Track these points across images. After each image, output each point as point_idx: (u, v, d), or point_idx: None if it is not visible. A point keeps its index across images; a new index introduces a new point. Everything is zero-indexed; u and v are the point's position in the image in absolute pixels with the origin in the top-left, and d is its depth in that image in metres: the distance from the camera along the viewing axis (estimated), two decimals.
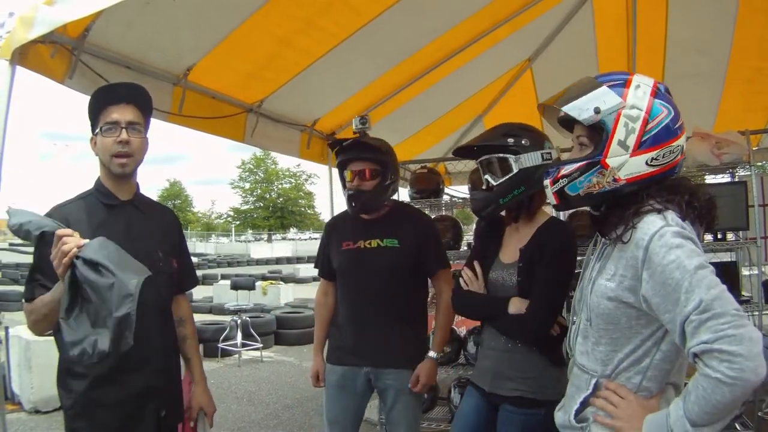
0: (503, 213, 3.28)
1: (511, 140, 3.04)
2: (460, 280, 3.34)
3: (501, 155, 3.07)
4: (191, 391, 3.16)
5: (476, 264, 3.29)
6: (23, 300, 2.64)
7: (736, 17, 5.70)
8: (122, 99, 2.80)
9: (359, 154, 3.77)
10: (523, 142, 3.04)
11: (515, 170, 3.02)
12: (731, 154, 5.16)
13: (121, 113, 2.77)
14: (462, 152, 3.38)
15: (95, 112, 2.77)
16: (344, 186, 3.85)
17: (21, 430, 6.66)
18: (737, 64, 6.36)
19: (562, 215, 5.45)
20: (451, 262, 4.04)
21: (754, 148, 5.57)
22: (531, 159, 3.02)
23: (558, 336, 3.09)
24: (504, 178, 3.05)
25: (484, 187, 3.17)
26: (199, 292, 19.55)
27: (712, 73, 6.56)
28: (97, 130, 2.75)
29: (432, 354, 3.80)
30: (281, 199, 73.23)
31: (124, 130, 2.75)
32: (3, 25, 3.10)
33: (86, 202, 2.77)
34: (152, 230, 2.96)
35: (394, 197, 4.06)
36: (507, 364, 3.11)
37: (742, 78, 6.59)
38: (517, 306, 3.05)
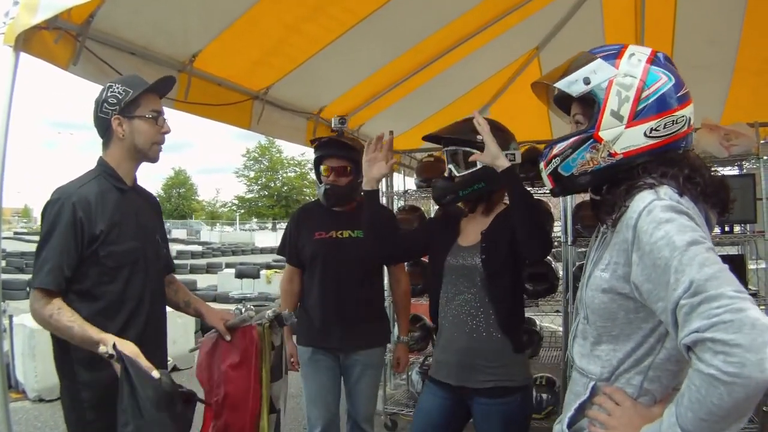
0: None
1: (479, 137, 3.02)
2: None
3: (467, 149, 3.11)
4: (207, 313, 3.19)
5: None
6: (36, 287, 2.55)
7: (745, 8, 5.65)
8: (159, 90, 2.89)
9: (337, 151, 3.97)
10: None
11: (478, 166, 3.05)
12: (740, 146, 5.13)
13: (160, 104, 2.87)
14: (430, 139, 3.39)
15: (136, 94, 2.74)
16: (319, 179, 4.05)
17: (25, 419, 6.67)
18: (746, 56, 6.30)
19: (569, 206, 5.43)
20: None
21: (762, 141, 5.52)
22: None
23: (518, 321, 3.25)
24: (466, 172, 3.10)
25: (446, 175, 3.22)
26: (203, 281, 19.64)
27: (720, 64, 6.50)
28: (136, 114, 2.76)
29: (404, 338, 4.32)
30: (286, 188, 73.30)
31: (166, 121, 2.86)
32: (7, 13, 3.09)
33: (98, 184, 2.75)
34: (151, 216, 3.03)
35: None
36: (472, 355, 3.09)
37: (752, 70, 6.53)
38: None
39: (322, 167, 3.99)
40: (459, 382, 3.12)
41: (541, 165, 2.11)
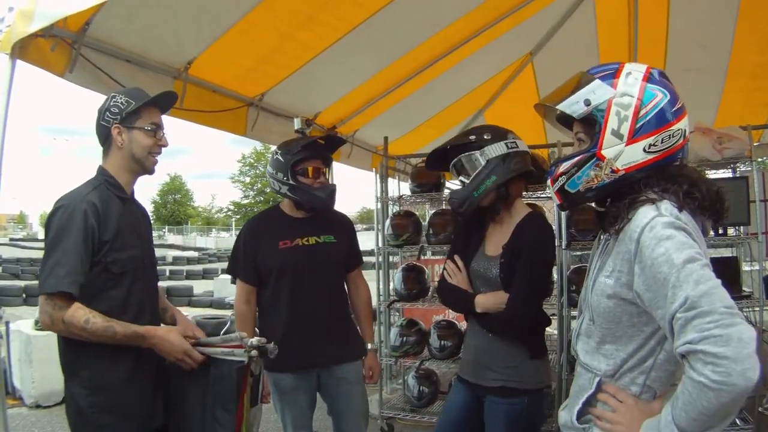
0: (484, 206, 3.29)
1: (473, 137, 3.14)
2: (444, 272, 3.39)
3: (467, 153, 3.16)
4: (182, 321, 3.18)
5: (457, 258, 3.34)
6: (53, 292, 2.50)
7: (737, 12, 5.69)
8: (160, 104, 2.94)
9: (324, 152, 3.87)
10: (485, 136, 3.13)
11: (483, 162, 3.09)
12: (733, 150, 5.13)
13: (160, 119, 2.92)
14: (433, 164, 3.46)
15: (137, 106, 2.80)
16: (294, 179, 3.71)
17: (22, 425, 6.64)
18: (739, 60, 6.35)
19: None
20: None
21: (755, 144, 5.55)
22: (495, 149, 3.10)
23: (538, 328, 3.25)
24: (474, 173, 3.12)
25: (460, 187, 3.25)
26: (199, 287, 19.61)
27: (713, 67, 6.55)
28: (136, 125, 2.81)
29: (371, 346, 4.06)
30: None
31: (165, 135, 2.91)
32: (3, 19, 3.09)
33: (101, 193, 2.75)
34: (147, 226, 3.09)
35: None
36: (488, 354, 3.17)
37: (745, 74, 6.57)
38: (482, 304, 3.14)
39: (306, 168, 3.71)
40: (474, 380, 3.22)
41: (548, 182, 2.23)
